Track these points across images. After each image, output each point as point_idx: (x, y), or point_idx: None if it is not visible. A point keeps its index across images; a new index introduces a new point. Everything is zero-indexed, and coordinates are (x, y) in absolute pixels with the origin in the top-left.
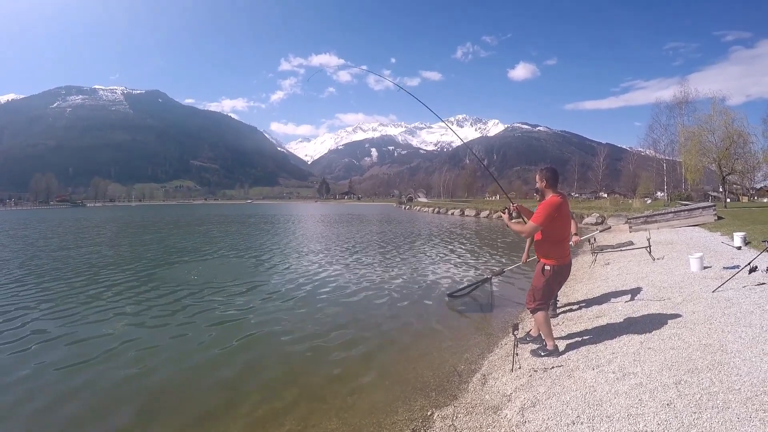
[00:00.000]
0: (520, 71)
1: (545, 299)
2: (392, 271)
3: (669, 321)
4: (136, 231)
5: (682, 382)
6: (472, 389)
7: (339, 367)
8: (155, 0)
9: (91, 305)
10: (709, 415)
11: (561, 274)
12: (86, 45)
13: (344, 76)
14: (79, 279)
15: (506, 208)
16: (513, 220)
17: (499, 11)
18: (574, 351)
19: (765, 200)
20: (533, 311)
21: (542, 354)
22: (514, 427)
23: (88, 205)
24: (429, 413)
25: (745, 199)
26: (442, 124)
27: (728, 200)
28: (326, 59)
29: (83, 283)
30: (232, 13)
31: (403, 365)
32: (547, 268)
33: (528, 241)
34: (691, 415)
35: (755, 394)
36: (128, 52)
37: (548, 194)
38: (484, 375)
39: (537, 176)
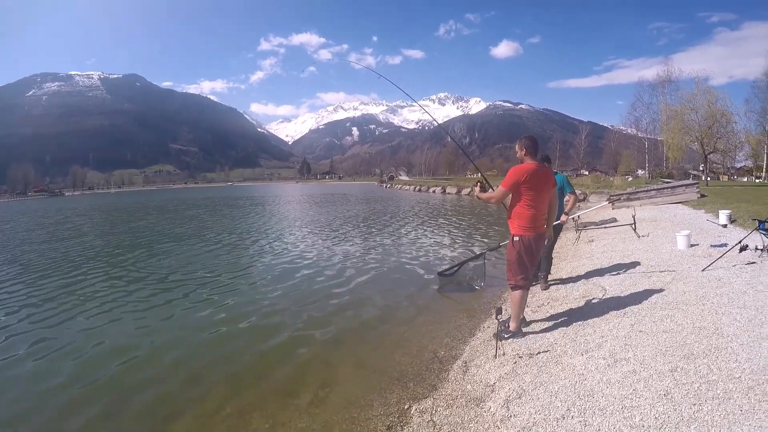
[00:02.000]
0: (503, 49)
1: (523, 274)
2: (375, 251)
3: (659, 301)
4: (123, 218)
5: (678, 370)
6: (453, 378)
7: (312, 357)
8: None
9: (67, 298)
10: (710, 408)
11: (531, 246)
12: (62, 30)
13: (325, 55)
14: (52, 274)
15: (478, 181)
16: (484, 193)
17: None
18: (561, 334)
19: (745, 179)
20: (512, 288)
21: (505, 336)
22: (498, 422)
23: (67, 194)
24: (406, 407)
25: (725, 178)
26: (424, 102)
27: (708, 179)
28: (307, 38)
29: (54, 277)
30: None
31: (380, 353)
32: (516, 239)
33: None
34: (691, 407)
35: (757, 382)
36: (104, 35)
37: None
38: (466, 362)
39: (517, 145)
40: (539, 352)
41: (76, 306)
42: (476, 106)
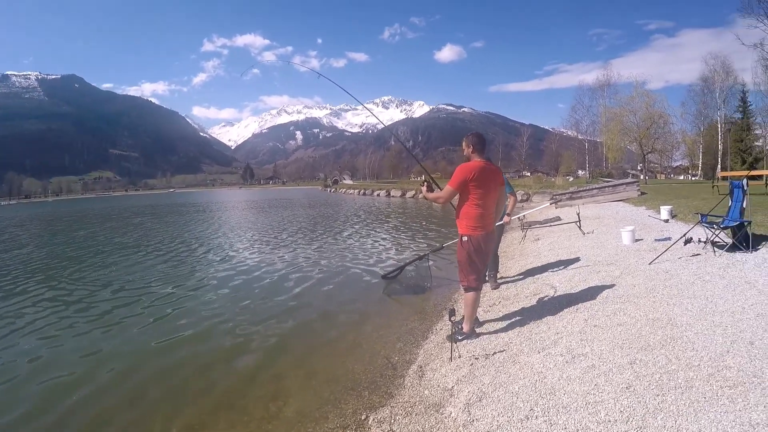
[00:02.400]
0: (447, 53)
1: (475, 275)
2: (320, 256)
3: (610, 295)
4: (63, 228)
5: (637, 362)
6: (409, 384)
7: (260, 368)
8: None
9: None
10: (673, 397)
11: (481, 245)
12: None
13: (269, 57)
14: None
15: (425, 180)
16: (431, 193)
17: None
18: (516, 333)
19: (681, 177)
20: (465, 289)
21: (459, 338)
22: (461, 427)
23: (2, 203)
24: (363, 417)
25: (662, 177)
26: (368, 106)
27: (647, 178)
28: (251, 39)
29: None
30: None
31: (331, 361)
32: (465, 239)
33: None
34: (655, 398)
35: (716, 369)
36: (42, 33)
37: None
38: (421, 366)
39: (464, 143)
40: (495, 353)
41: (10, 323)
42: (420, 109)
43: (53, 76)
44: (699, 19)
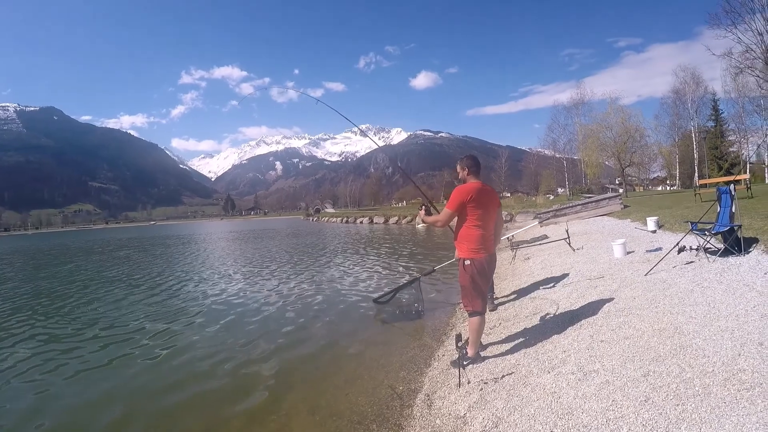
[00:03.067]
0: (422, 80)
1: (480, 299)
2: (311, 286)
3: (612, 309)
4: (48, 261)
5: (651, 373)
6: (419, 414)
7: (261, 405)
8: (48, 10)
9: None
10: (693, 405)
11: (484, 268)
12: None
13: (247, 89)
14: None
15: (422, 204)
16: (429, 216)
17: (403, 21)
18: (522, 354)
19: (659, 188)
20: (471, 314)
21: (465, 363)
22: None
23: None
24: None
25: (640, 189)
26: (347, 134)
27: (626, 191)
28: (228, 71)
29: None
30: (129, 24)
31: (332, 394)
32: (467, 263)
33: None
34: (675, 408)
35: (731, 373)
36: (20, 65)
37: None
38: (428, 395)
39: (458, 167)
40: (504, 375)
41: None
42: (397, 136)
43: (32, 108)
44: (666, 34)
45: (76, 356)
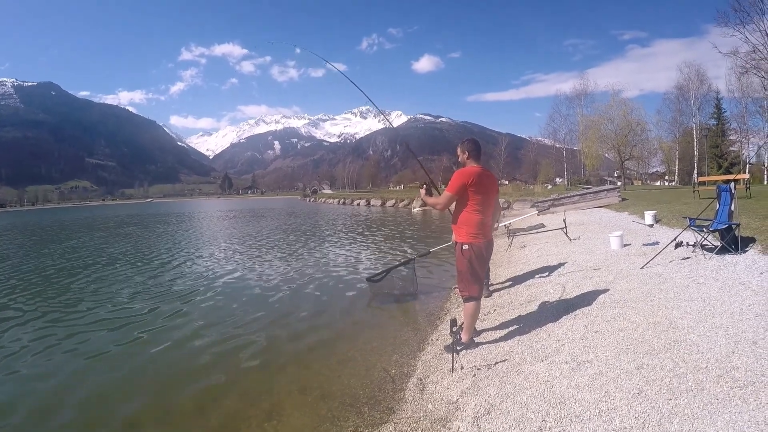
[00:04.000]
0: (425, 63)
1: (477, 284)
2: (305, 265)
3: (607, 301)
4: (49, 237)
5: (645, 366)
6: (411, 398)
7: (251, 385)
8: None
9: None
10: (686, 400)
11: (482, 253)
12: None
13: (247, 67)
14: None
15: (424, 183)
16: (430, 197)
17: (407, 3)
18: (516, 341)
19: (657, 183)
20: (466, 300)
21: (458, 349)
22: None
23: None
24: None
25: (638, 183)
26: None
27: (625, 184)
28: (229, 49)
29: None
30: None
31: (325, 376)
32: (466, 247)
33: None
34: (668, 403)
35: (725, 370)
36: (18, 38)
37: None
38: (421, 379)
39: (458, 149)
40: (497, 362)
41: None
42: (398, 119)
43: (29, 83)
44: (672, 30)
45: (78, 329)
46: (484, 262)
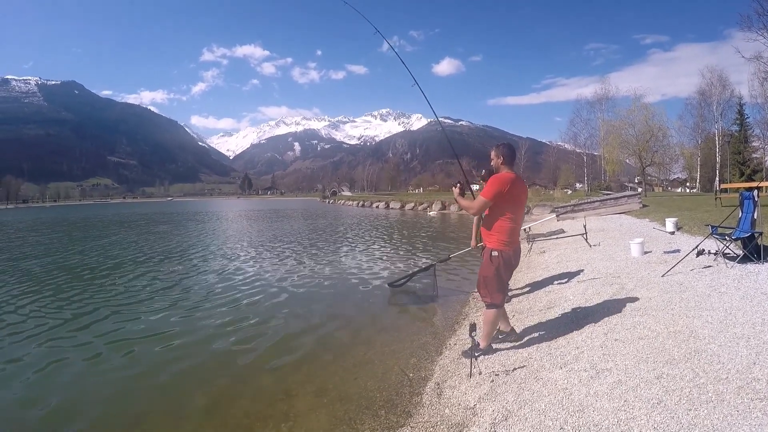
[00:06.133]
0: (445, 66)
1: (500, 291)
2: (323, 267)
3: (627, 308)
4: (83, 234)
5: (665, 376)
6: (428, 403)
7: (267, 386)
8: None
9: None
10: (706, 411)
11: (511, 261)
12: None
13: (268, 68)
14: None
15: (458, 182)
16: (464, 196)
17: (429, 5)
18: (534, 348)
19: (678, 190)
20: (488, 306)
21: (476, 354)
22: None
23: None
24: None
25: (659, 189)
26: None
27: (645, 190)
28: (251, 50)
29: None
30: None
31: (341, 377)
32: (495, 254)
33: (475, 224)
34: (687, 413)
35: (746, 381)
36: (43, 38)
37: (503, 172)
38: (438, 383)
39: (492, 153)
40: (515, 368)
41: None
42: (417, 122)
43: (53, 82)
44: (694, 34)
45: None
46: (510, 270)
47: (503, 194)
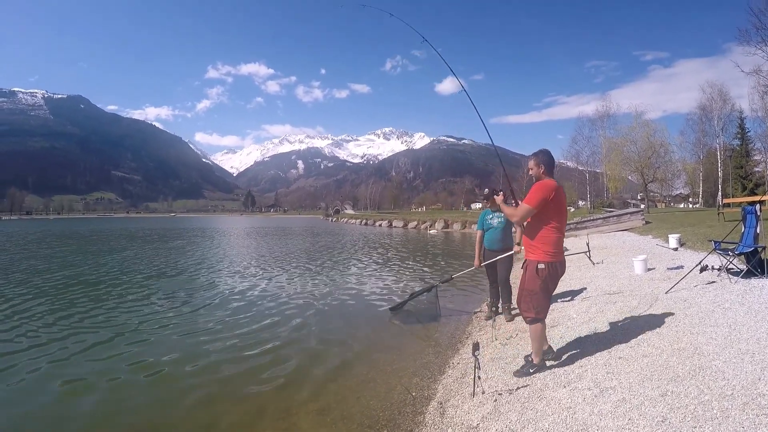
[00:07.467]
0: (448, 85)
1: (544, 305)
2: (325, 286)
3: (631, 326)
4: (98, 248)
5: (669, 393)
6: (431, 422)
7: (267, 403)
8: (78, 1)
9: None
10: (711, 428)
11: (558, 273)
12: (5, 43)
13: (272, 86)
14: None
15: (500, 189)
16: (506, 206)
17: (431, 26)
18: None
19: (681, 206)
20: (532, 321)
21: (531, 371)
22: None
23: (3, 218)
24: None
25: (662, 205)
26: (369, 137)
27: (648, 207)
28: (255, 68)
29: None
30: (158, 15)
31: (344, 396)
32: (542, 266)
33: (478, 243)
34: (692, 431)
35: (751, 397)
36: (49, 52)
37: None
38: (441, 403)
39: (532, 162)
40: (519, 388)
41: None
42: (420, 141)
43: (59, 96)
44: (693, 49)
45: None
46: (557, 282)
47: (548, 202)
